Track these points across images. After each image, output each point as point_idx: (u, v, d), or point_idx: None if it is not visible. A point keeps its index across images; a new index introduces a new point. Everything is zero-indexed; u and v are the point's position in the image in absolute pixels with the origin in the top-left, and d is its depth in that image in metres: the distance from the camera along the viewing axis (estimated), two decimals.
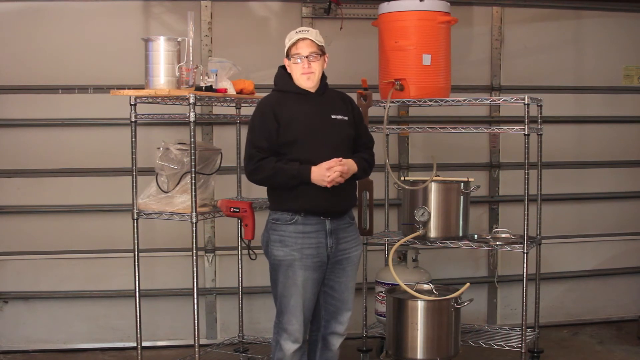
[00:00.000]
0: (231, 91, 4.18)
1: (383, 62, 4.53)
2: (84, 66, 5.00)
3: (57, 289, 5.10)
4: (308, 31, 3.55)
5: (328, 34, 5.11)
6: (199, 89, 3.93)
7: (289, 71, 3.59)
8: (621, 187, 5.76)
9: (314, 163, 3.44)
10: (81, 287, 5.11)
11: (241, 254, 4.70)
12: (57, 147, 5.06)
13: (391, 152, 4.97)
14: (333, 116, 3.57)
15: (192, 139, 3.89)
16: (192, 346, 4.01)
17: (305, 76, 3.53)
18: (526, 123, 4.14)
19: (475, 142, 5.46)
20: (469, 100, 4.42)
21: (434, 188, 4.30)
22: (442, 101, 4.42)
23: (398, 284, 4.21)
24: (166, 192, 4.13)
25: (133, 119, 4.09)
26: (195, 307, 3.99)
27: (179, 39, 3.94)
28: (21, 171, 5.06)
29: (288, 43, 3.55)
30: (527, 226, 4.22)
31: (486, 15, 5.46)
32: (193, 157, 3.90)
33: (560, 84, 5.58)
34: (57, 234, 5.09)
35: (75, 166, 5.08)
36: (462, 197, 4.34)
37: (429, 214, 4.28)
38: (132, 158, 4.12)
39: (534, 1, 5.51)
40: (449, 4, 4.47)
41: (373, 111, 4.48)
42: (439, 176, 4.35)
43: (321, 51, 3.55)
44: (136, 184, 4.14)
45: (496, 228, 4.66)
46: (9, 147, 5.04)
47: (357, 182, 3.74)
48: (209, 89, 3.99)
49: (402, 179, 4.44)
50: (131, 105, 4.07)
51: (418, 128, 4.52)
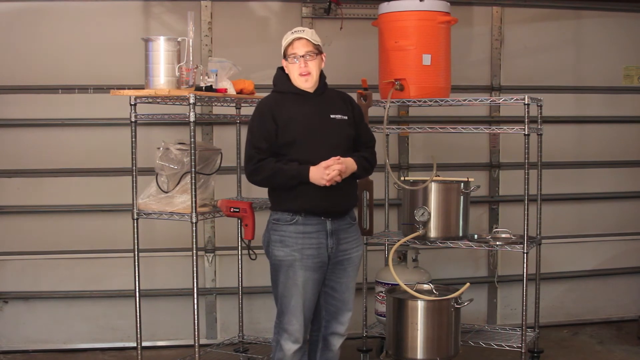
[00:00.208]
0: (231, 91, 4.18)
1: (383, 62, 4.53)
2: (84, 66, 5.00)
3: (57, 289, 5.10)
4: (304, 31, 3.54)
5: (328, 34, 5.14)
6: (199, 89, 3.93)
7: (286, 72, 3.59)
8: (621, 187, 5.76)
9: (313, 163, 3.43)
10: (81, 287, 5.11)
11: (241, 254, 4.70)
12: (57, 147, 5.06)
13: (391, 152, 4.97)
14: (332, 116, 3.57)
15: (192, 139, 3.89)
16: (192, 346, 4.01)
17: (303, 78, 3.52)
18: (526, 123, 4.14)
19: (475, 142, 5.46)
20: (469, 100, 4.42)
21: (434, 188, 4.29)
22: (442, 101, 4.42)
23: (398, 284, 4.21)
24: (166, 192, 4.13)
25: (133, 119, 4.09)
26: (195, 307, 3.99)
27: (179, 39, 3.94)
28: (21, 171, 5.06)
29: (284, 43, 3.55)
30: (527, 226, 4.21)
31: (486, 15, 5.46)
32: (193, 157, 3.90)
33: (560, 84, 5.58)
34: (57, 234, 5.09)
35: (75, 166, 5.08)
36: (462, 197, 4.34)
37: (429, 214, 4.28)
38: (132, 158, 4.12)
39: (534, 1, 5.51)
40: (449, 4, 4.47)
41: (373, 111, 4.48)
42: (439, 176, 4.35)
43: (318, 50, 3.54)
44: (136, 184, 4.14)
45: (496, 228, 4.65)
46: (9, 147, 5.04)
47: (357, 182, 3.74)
48: (209, 89, 3.99)
49: (402, 179, 4.44)
50: (131, 105, 4.07)
51: (418, 128, 4.52)
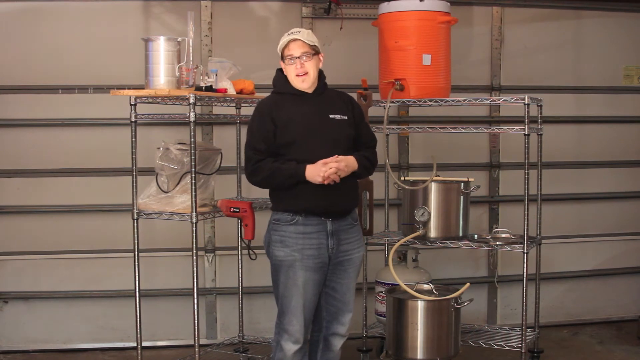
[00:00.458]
0: (231, 91, 4.18)
1: (383, 62, 4.53)
2: (84, 66, 5.00)
3: (57, 289, 5.10)
4: (299, 32, 3.54)
5: (328, 34, 5.14)
6: (199, 89, 3.93)
7: (285, 73, 3.59)
8: (621, 187, 5.76)
9: (313, 163, 3.42)
10: (81, 287, 5.11)
11: (241, 254, 4.70)
12: (57, 147, 5.06)
13: (391, 152, 4.97)
14: (332, 116, 3.56)
15: (192, 139, 3.89)
16: (192, 346, 4.01)
17: (300, 78, 3.52)
18: (526, 123, 4.14)
19: (475, 142, 5.46)
20: (469, 100, 4.42)
21: (434, 188, 4.29)
22: (442, 101, 4.41)
23: (398, 284, 4.21)
24: (166, 192, 4.12)
25: (133, 119, 4.09)
26: (195, 307, 3.99)
27: (179, 39, 3.94)
28: (21, 171, 5.06)
29: (280, 46, 3.55)
30: (527, 226, 4.21)
31: (486, 15, 5.45)
32: (193, 157, 3.90)
33: (560, 84, 5.58)
34: (57, 234, 5.09)
35: (75, 166, 5.08)
36: (462, 197, 4.34)
37: (429, 214, 4.27)
38: (132, 158, 4.12)
39: (534, 1, 5.51)
40: (449, 4, 4.47)
41: (373, 111, 4.48)
42: (439, 176, 4.35)
43: (314, 50, 3.53)
44: (136, 184, 4.14)
45: (496, 228, 4.65)
46: (9, 147, 5.04)
47: (358, 182, 3.73)
48: (209, 89, 3.99)
49: (402, 179, 4.44)
50: (131, 105, 4.07)
51: (418, 128, 4.52)
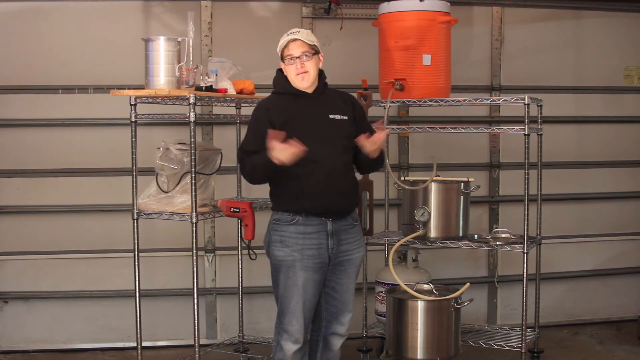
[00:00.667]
0: (231, 91, 4.18)
1: (383, 62, 4.53)
2: (84, 66, 5.00)
3: (57, 289, 5.10)
4: (299, 32, 3.54)
5: (328, 34, 5.14)
6: (199, 89, 3.93)
7: (285, 73, 3.59)
8: (621, 187, 5.76)
9: (313, 163, 3.43)
10: (81, 287, 5.11)
11: (241, 254, 4.70)
12: (57, 147, 5.06)
13: (391, 152, 4.97)
14: (331, 116, 3.56)
15: (192, 139, 3.89)
16: (192, 346, 4.01)
17: (300, 76, 3.52)
18: (526, 123, 4.14)
19: (475, 142, 5.46)
20: (469, 100, 4.42)
21: (434, 188, 4.29)
22: (442, 101, 4.41)
23: (398, 284, 4.21)
24: (166, 192, 4.12)
25: (133, 119, 4.09)
26: (195, 307, 3.99)
27: (179, 39, 3.94)
28: (21, 171, 5.06)
29: (280, 46, 3.55)
30: (527, 226, 4.21)
31: (486, 15, 5.46)
32: (193, 157, 3.90)
33: (560, 84, 5.58)
34: (57, 234, 5.09)
35: (75, 166, 5.08)
36: (462, 197, 4.34)
37: (429, 214, 4.27)
38: (132, 158, 4.12)
39: (534, 1, 5.51)
40: (449, 4, 4.47)
41: (373, 111, 4.47)
42: (439, 176, 4.35)
43: (313, 50, 3.53)
44: (136, 184, 4.13)
45: (496, 228, 4.65)
46: (9, 147, 5.04)
47: (358, 181, 3.74)
48: (209, 89, 3.99)
49: (402, 179, 4.44)
50: (131, 105, 4.07)
51: (418, 128, 4.52)
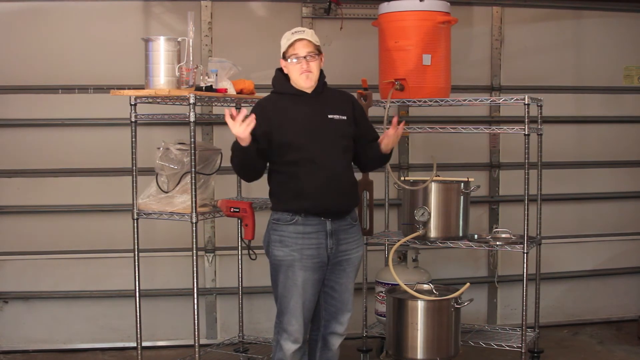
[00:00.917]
0: (231, 91, 4.18)
1: (383, 62, 4.52)
2: (84, 66, 5.00)
3: (57, 289, 5.10)
4: (304, 31, 3.53)
5: (328, 34, 5.14)
6: (199, 89, 3.93)
7: (285, 72, 3.58)
8: (621, 187, 5.76)
9: (312, 163, 3.44)
10: (81, 287, 5.12)
11: (241, 254, 4.70)
12: (57, 147, 5.06)
13: None
14: (330, 116, 3.56)
15: (192, 139, 3.89)
16: (192, 346, 4.01)
17: (305, 75, 3.50)
18: (526, 123, 4.14)
19: (475, 142, 5.46)
20: (469, 100, 4.42)
21: (434, 188, 4.29)
22: (442, 101, 4.41)
23: (398, 284, 4.21)
24: (166, 192, 4.12)
25: (133, 119, 4.09)
26: (195, 307, 3.99)
27: (179, 39, 3.94)
28: (21, 171, 5.06)
29: (285, 44, 3.52)
30: (527, 226, 4.21)
31: (486, 15, 5.46)
32: (193, 157, 3.90)
33: (560, 84, 5.58)
34: (57, 234, 5.09)
35: (75, 166, 5.08)
36: (462, 197, 4.34)
37: (429, 214, 4.27)
38: (132, 158, 4.12)
39: (534, 1, 5.51)
40: (449, 4, 4.46)
41: (373, 111, 4.46)
42: (439, 176, 4.35)
43: (318, 51, 3.53)
44: (136, 184, 4.14)
45: (496, 228, 4.65)
46: (9, 147, 5.04)
47: (357, 181, 3.74)
48: (209, 89, 3.99)
49: (402, 179, 4.44)
50: (131, 105, 4.07)
51: (418, 128, 4.52)
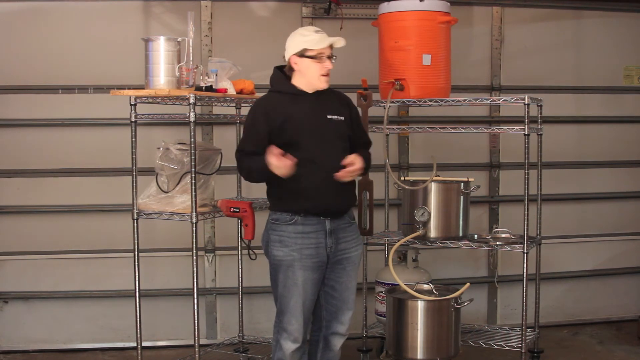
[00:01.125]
0: (231, 91, 4.18)
1: (383, 62, 4.53)
2: (84, 66, 5.00)
3: (57, 289, 5.10)
4: (339, 39, 3.56)
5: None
6: (199, 89, 3.93)
7: (295, 69, 3.54)
8: (621, 187, 5.76)
9: (312, 162, 3.44)
10: (81, 287, 5.12)
11: (241, 254, 4.70)
12: (57, 147, 5.06)
13: (391, 152, 4.97)
14: (329, 116, 3.56)
15: (192, 139, 3.89)
16: (192, 346, 4.01)
17: (324, 78, 3.52)
18: (526, 123, 4.14)
19: (475, 142, 5.46)
20: (469, 100, 4.42)
21: (434, 188, 4.29)
22: (442, 101, 4.41)
23: (398, 284, 4.21)
24: (166, 192, 4.12)
25: (133, 119, 4.09)
26: (195, 307, 3.99)
27: (179, 39, 3.94)
28: (21, 171, 5.06)
29: (315, 43, 3.47)
30: (527, 226, 4.21)
31: (486, 15, 5.46)
32: (193, 157, 3.90)
33: (560, 84, 5.58)
34: (57, 234, 5.09)
35: (75, 166, 5.08)
36: (462, 197, 4.34)
37: (429, 214, 4.27)
38: (132, 158, 4.12)
39: (534, 1, 5.51)
40: (449, 4, 4.47)
41: (373, 111, 4.48)
42: (439, 176, 4.35)
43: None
44: (136, 184, 4.14)
45: (496, 228, 4.65)
46: (9, 147, 5.04)
47: (356, 181, 3.74)
48: (209, 89, 3.99)
49: (402, 179, 4.44)
50: (131, 105, 4.07)
51: (418, 128, 4.52)
